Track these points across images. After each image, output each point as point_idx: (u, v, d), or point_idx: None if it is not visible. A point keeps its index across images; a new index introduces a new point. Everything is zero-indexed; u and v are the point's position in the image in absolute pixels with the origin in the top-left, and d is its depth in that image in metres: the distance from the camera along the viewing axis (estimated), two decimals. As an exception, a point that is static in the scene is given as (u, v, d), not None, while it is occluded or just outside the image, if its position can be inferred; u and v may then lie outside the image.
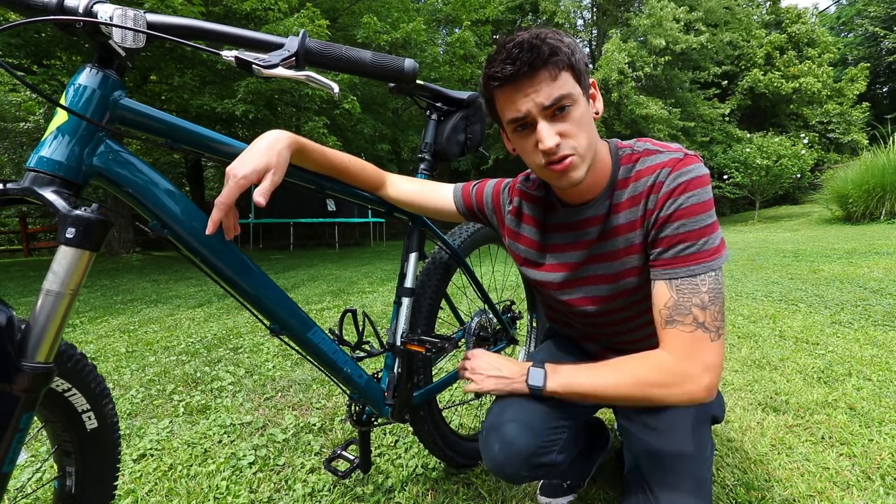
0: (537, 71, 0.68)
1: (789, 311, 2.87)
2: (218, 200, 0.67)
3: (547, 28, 0.72)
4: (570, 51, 0.70)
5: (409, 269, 1.07)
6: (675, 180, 0.73)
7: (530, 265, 0.93)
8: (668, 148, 0.78)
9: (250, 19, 7.10)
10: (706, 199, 0.72)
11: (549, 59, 0.68)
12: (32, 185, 0.55)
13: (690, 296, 0.70)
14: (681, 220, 0.71)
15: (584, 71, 0.72)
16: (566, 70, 0.69)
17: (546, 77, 0.69)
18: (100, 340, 2.82)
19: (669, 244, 0.73)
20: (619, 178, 0.80)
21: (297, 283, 5.00)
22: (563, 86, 0.69)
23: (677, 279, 0.72)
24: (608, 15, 18.33)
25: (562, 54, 0.69)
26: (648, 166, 0.77)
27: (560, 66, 0.69)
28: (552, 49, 0.68)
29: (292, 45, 0.65)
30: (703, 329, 0.70)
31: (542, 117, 0.70)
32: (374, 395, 1.00)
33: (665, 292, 0.72)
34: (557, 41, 0.69)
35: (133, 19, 0.59)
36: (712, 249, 0.71)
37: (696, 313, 0.70)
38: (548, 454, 0.89)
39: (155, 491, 1.25)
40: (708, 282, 0.71)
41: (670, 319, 0.71)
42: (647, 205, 0.76)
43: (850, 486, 1.16)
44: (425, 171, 1.12)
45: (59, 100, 0.58)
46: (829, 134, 17.95)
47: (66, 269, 0.54)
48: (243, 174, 0.67)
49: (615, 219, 0.81)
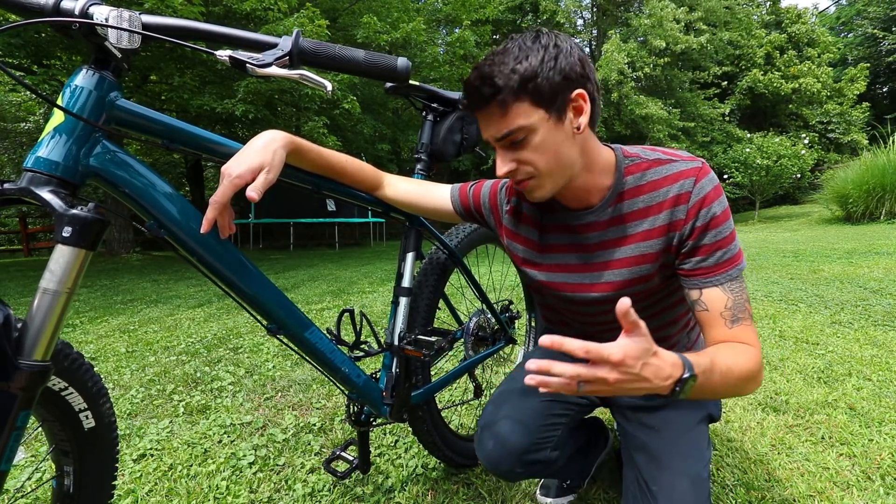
0: (486, 107, 0.71)
1: (789, 311, 2.87)
2: (212, 199, 0.67)
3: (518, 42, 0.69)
4: (525, 77, 0.67)
5: (406, 269, 1.07)
6: (703, 190, 0.74)
7: (530, 265, 0.93)
8: (681, 157, 0.78)
9: (250, 19, 7.11)
10: (727, 206, 0.75)
11: (493, 97, 0.69)
12: (29, 185, 0.55)
13: (740, 293, 0.75)
14: (716, 228, 0.74)
15: (552, 90, 0.68)
16: (518, 100, 0.68)
17: (495, 112, 0.70)
18: (100, 340, 2.82)
19: (710, 252, 0.75)
20: (628, 186, 0.79)
21: (296, 283, 5.00)
22: (513, 120, 0.69)
23: (727, 282, 0.75)
24: (608, 15, 18.34)
25: (506, 90, 0.67)
26: (666, 176, 0.77)
27: (507, 101, 0.68)
28: (493, 88, 0.68)
29: (286, 44, 0.65)
30: (751, 320, 0.76)
31: (498, 146, 0.74)
32: (373, 395, 1.00)
33: (721, 296, 0.75)
34: (508, 72, 0.67)
35: (128, 20, 0.59)
36: (739, 252, 0.77)
37: (748, 308, 0.76)
38: (541, 451, 0.91)
39: (155, 491, 1.25)
40: (743, 280, 0.77)
41: (735, 318, 0.75)
42: (675, 215, 0.76)
43: (850, 486, 1.16)
44: (422, 171, 1.12)
45: (57, 100, 0.59)
46: (829, 134, 17.96)
47: (63, 267, 0.55)
48: (238, 173, 0.68)
49: (625, 228, 0.80)
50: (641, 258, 0.80)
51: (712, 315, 0.76)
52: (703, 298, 0.76)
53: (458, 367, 1.29)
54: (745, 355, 0.71)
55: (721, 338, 0.75)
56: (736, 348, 0.72)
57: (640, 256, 0.80)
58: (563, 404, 0.96)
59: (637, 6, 17.94)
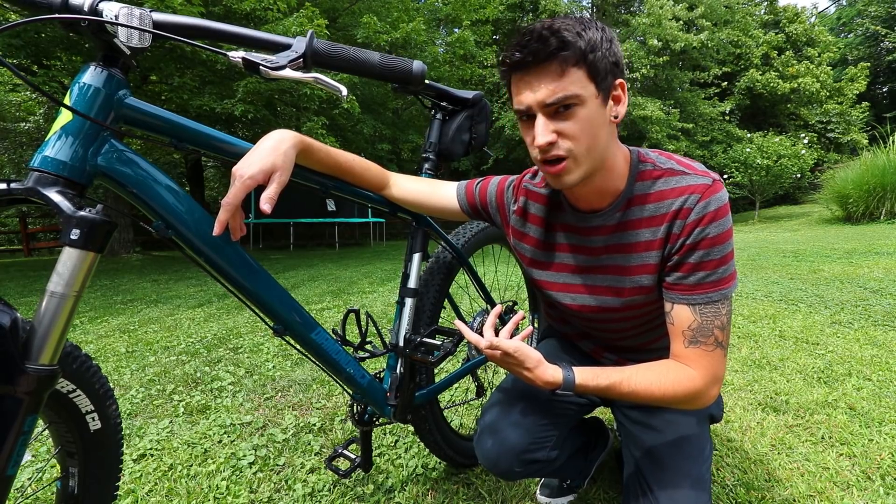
0: (543, 64, 0.65)
1: (789, 311, 2.87)
2: (225, 201, 0.66)
3: (577, 16, 0.68)
4: (588, 46, 0.65)
5: (412, 270, 1.06)
6: (705, 209, 0.72)
7: (536, 265, 0.93)
8: (694, 170, 0.76)
9: (250, 19, 7.10)
10: (728, 228, 0.73)
11: (556, 52, 0.64)
12: (36, 186, 0.54)
13: (713, 318, 0.74)
14: (706, 248, 0.73)
15: (605, 69, 0.67)
16: (578, 67, 0.65)
17: (553, 72, 0.66)
18: (100, 340, 2.82)
19: (692, 270, 0.74)
20: (636, 193, 0.78)
21: (297, 283, 5.00)
22: (569, 85, 0.65)
23: (700, 305, 0.74)
24: (607, 15, 18.32)
25: (573, 49, 0.64)
26: (674, 188, 0.75)
27: (569, 62, 0.65)
28: (562, 43, 0.64)
29: (300, 46, 0.64)
30: (721, 347, 0.75)
31: (542, 112, 0.68)
32: (377, 396, 1.00)
33: (688, 316, 0.75)
34: (575, 34, 0.64)
35: (139, 18, 0.58)
36: (729, 276, 0.74)
37: (716, 334, 0.74)
38: (540, 450, 0.91)
39: (155, 491, 1.25)
40: (726, 305, 0.75)
41: (694, 340, 0.75)
42: (672, 229, 0.75)
43: (850, 486, 1.16)
44: (429, 170, 1.11)
45: (63, 99, 0.58)
46: (828, 134, 17.96)
47: (71, 270, 0.54)
48: (250, 174, 0.67)
49: (630, 235, 0.79)
50: (641, 268, 0.79)
51: (676, 329, 0.77)
52: (672, 312, 0.78)
53: (462, 367, 1.29)
54: (673, 379, 0.75)
55: (675, 352, 0.78)
56: (669, 371, 0.76)
57: (640, 266, 0.79)
58: (563, 404, 0.96)
59: (637, 6, 17.94)
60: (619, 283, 0.83)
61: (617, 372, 0.77)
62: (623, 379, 0.76)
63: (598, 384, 0.76)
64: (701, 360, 0.75)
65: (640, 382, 0.75)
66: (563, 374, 0.75)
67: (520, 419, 0.91)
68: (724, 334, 0.75)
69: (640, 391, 0.75)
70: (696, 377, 0.75)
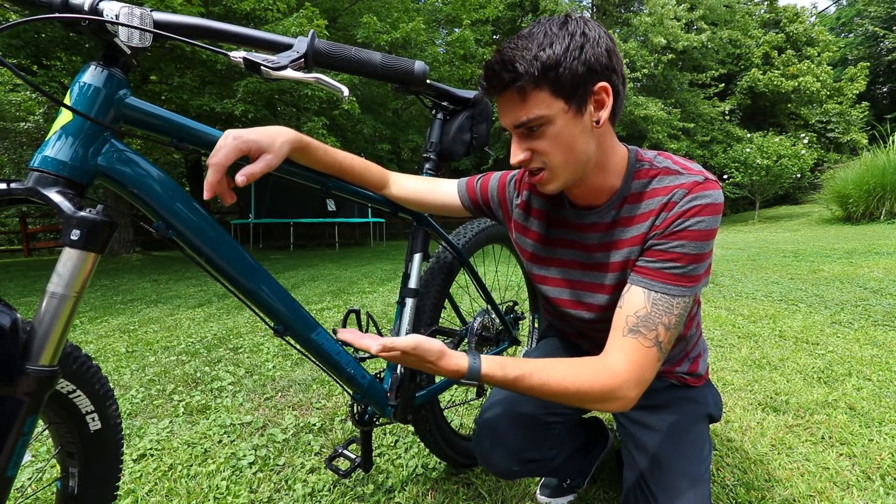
0: (504, 92, 0.69)
1: (789, 311, 2.88)
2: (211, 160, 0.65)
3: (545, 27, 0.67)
4: (548, 65, 0.64)
5: (413, 270, 1.06)
6: (690, 203, 0.71)
7: (536, 260, 0.93)
8: (689, 169, 0.75)
9: (250, 19, 7.10)
10: (712, 228, 0.71)
11: (510, 84, 0.67)
12: (36, 186, 0.54)
13: (662, 313, 0.71)
14: (682, 240, 0.71)
15: (574, 81, 0.66)
16: (539, 89, 0.66)
17: (513, 99, 0.68)
18: (100, 340, 2.82)
19: (660, 258, 0.72)
20: (632, 191, 0.78)
21: (297, 283, 5.00)
22: (532, 108, 0.67)
23: (655, 292, 0.71)
24: (608, 15, 18.33)
25: (527, 76, 0.65)
26: (665, 186, 0.75)
27: (527, 87, 0.66)
28: (513, 75, 0.66)
29: (301, 46, 0.63)
30: (658, 348, 0.71)
31: (514, 133, 0.72)
32: (377, 396, 1.00)
33: (640, 301, 0.72)
34: (530, 59, 0.64)
35: (140, 18, 0.58)
36: (696, 276, 0.72)
37: (660, 331, 0.70)
38: (538, 449, 0.91)
39: (155, 491, 1.25)
40: (681, 305, 0.71)
41: (635, 329, 0.71)
42: (656, 221, 0.74)
43: (850, 486, 1.16)
44: (430, 170, 1.11)
45: (64, 99, 0.58)
46: (828, 133, 17.97)
47: (71, 271, 0.54)
48: (246, 138, 0.68)
49: (621, 232, 0.79)
50: (625, 263, 0.79)
51: (621, 314, 0.73)
52: (626, 294, 0.74)
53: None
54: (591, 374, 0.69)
55: (609, 344, 0.72)
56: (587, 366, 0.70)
57: (625, 262, 0.79)
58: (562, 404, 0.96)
59: (637, 6, 17.93)
60: (609, 281, 0.83)
61: (529, 363, 0.70)
62: (534, 370, 0.68)
63: (506, 374, 0.68)
64: (634, 353, 0.70)
65: (551, 375, 0.68)
66: (468, 362, 0.68)
67: (518, 418, 0.91)
68: (668, 336, 0.71)
69: (552, 384, 0.68)
70: (619, 373, 0.69)
